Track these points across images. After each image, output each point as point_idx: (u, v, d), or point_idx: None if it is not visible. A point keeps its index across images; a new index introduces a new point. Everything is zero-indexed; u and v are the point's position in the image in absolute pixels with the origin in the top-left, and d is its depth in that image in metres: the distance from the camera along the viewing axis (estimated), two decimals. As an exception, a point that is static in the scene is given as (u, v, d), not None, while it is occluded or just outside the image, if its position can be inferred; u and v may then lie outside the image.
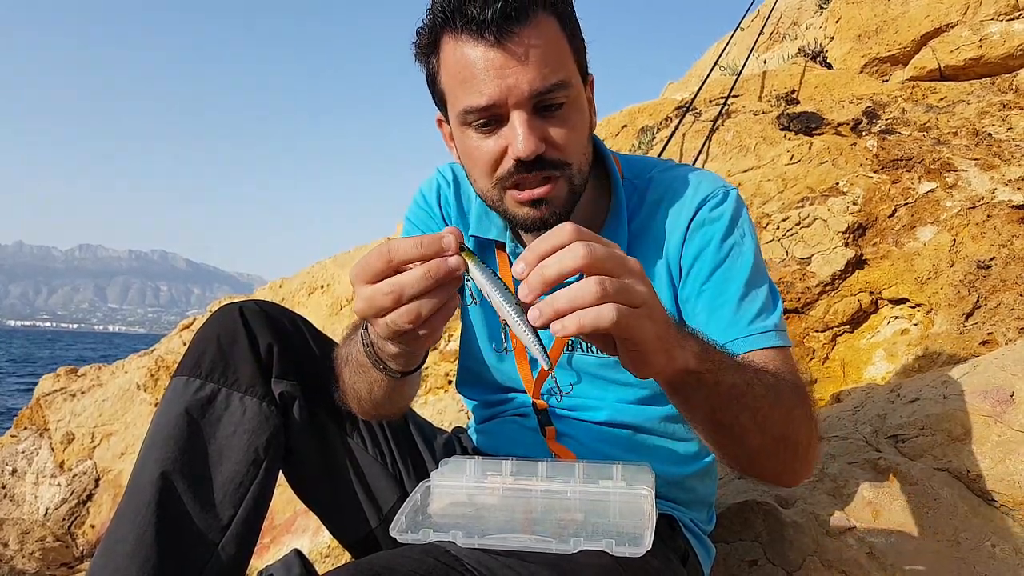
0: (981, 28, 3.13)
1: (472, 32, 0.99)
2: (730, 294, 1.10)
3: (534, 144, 1.02)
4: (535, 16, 1.00)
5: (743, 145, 2.99)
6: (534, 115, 1.03)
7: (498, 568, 0.85)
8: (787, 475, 1.02)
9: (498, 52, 0.99)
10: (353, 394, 1.09)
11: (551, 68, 1.01)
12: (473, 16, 0.98)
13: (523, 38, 0.99)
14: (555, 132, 1.05)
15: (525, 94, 1.00)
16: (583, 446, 1.24)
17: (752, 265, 1.13)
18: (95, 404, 4.38)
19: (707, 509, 1.34)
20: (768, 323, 1.08)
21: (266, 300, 1.26)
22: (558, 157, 1.06)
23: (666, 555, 1.12)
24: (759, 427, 0.92)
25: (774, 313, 1.10)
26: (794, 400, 0.96)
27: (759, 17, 5.30)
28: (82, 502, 3.83)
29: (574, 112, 1.07)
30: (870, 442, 1.59)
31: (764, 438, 0.93)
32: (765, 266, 1.17)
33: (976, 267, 2.16)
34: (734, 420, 0.90)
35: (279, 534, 2.77)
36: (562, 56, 1.04)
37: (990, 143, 2.60)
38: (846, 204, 2.47)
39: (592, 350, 1.22)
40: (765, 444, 0.94)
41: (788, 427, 0.95)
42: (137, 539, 1.03)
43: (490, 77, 1.00)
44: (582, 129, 1.09)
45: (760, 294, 1.11)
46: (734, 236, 1.14)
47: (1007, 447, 1.39)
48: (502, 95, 1.00)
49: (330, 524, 1.31)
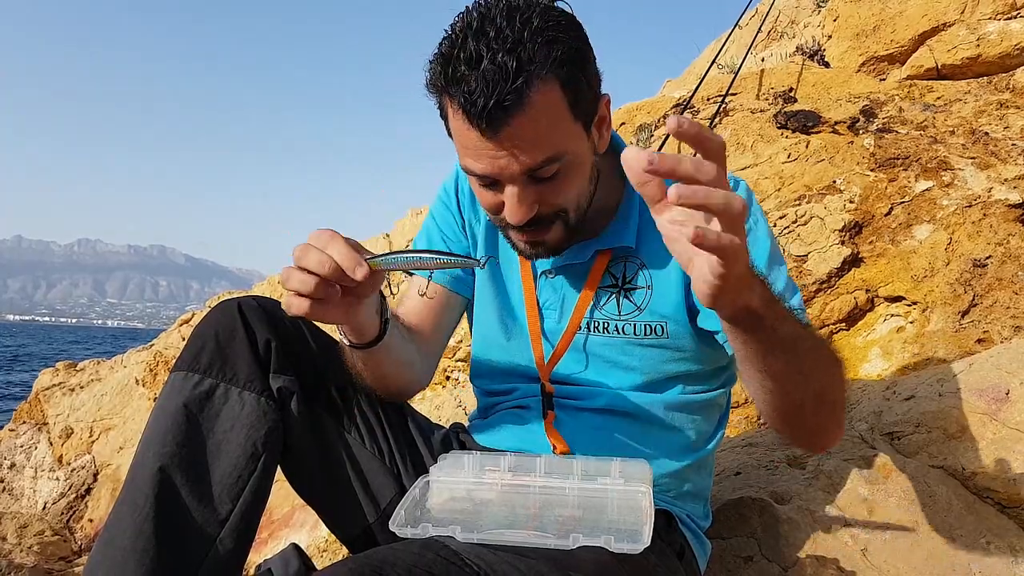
0: (979, 27, 3.14)
1: (467, 115, 1.00)
2: None
3: (524, 213, 1.08)
4: (532, 94, 0.99)
5: (740, 143, 3.00)
6: (528, 184, 1.06)
7: (497, 563, 0.85)
8: (822, 435, 1.05)
9: (490, 141, 1.01)
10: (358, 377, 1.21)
11: (543, 147, 1.03)
12: (468, 100, 0.98)
13: (515, 127, 1.00)
14: (550, 194, 1.09)
15: (516, 173, 1.04)
16: (581, 434, 1.25)
17: (770, 249, 1.16)
18: (94, 399, 4.38)
19: (703, 504, 1.35)
20: (792, 303, 1.09)
21: (264, 296, 1.27)
22: (552, 211, 1.11)
23: (663, 551, 1.13)
24: (805, 379, 0.94)
25: (796, 294, 1.14)
26: (833, 361, 0.99)
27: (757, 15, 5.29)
28: (80, 496, 3.83)
29: (570, 172, 1.09)
30: (866, 439, 1.59)
31: (807, 392, 0.96)
32: (780, 249, 1.20)
33: (972, 265, 2.17)
34: (783, 369, 0.92)
35: (277, 529, 2.78)
36: (559, 128, 1.04)
37: (987, 142, 2.61)
38: (843, 202, 2.48)
39: (599, 330, 1.25)
40: (807, 399, 0.96)
41: (830, 385, 0.98)
42: (135, 533, 1.03)
43: (482, 157, 1.04)
44: (580, 180, 1.12)
45: (781, 275, 1.15)
46: (749, 222, 1.15)
47: (1002, 445, 1.40)
48: (495, 172, 1.05)
49: (327, 519, 1.32)
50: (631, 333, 1.23)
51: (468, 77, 0.97)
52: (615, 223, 1.25)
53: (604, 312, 1.25)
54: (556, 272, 1.28)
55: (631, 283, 1.24)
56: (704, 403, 1.29)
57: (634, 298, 1.23)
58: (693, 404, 1.27)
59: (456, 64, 0.98)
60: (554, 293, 1.29)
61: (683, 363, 1.25)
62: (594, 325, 1.25)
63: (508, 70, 0.96)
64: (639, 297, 1.23)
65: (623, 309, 1.23)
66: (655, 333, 1.22)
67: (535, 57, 0.98)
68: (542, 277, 1.30)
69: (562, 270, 1.28)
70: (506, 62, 0.96)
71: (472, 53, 0.97)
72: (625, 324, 1.23)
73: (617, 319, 1.24)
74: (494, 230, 1.33)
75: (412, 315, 1.34)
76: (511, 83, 0.96)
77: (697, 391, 1.28)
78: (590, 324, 1.26)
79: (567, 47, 1.02)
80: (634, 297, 1.23)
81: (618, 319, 1.24)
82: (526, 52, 0.97)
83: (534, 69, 0.98)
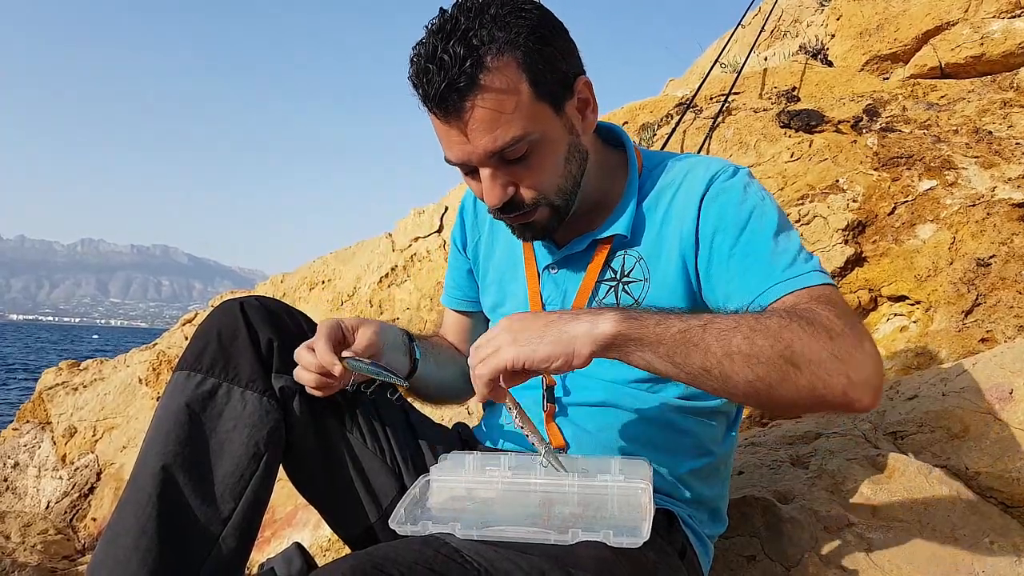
0: (982, 26, 3.13)
1: (427, 102, 1.07)
2: (761, 247, 1.10)
3: (499, 195, 1.12)
4: (484, 77, 1.03)
5: (743, 142, 2.99)
6: (500, 166, 1.10)
7: (497, 559, 0.85)
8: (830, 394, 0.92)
9: (450, 126, 1.08)
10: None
11: (503, 128, 1.06)
12: (426, 91, 1.05)
13: (469, 110, 1.05)
14: (522, 175, 1.12)
15: (482, 156, 1.08)
16: (581, 430, 1.24)
17: (777, 220, 1.13)
18: (97, 398, 4.39)
19: (710, 511, 1.32)
20: (805, 267, 1.07)
21: (267, 296, 1.27)
22: (530, 197, 1.14)
23: (663, 549, 1.12)
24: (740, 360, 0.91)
25: (813, 258, 1.10)
26: (803, 321, 0.93)
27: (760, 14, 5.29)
28: (84, 495, 3.84)
29: (540, 152, 1.11)
30: (869, 439, 1.59)
31: (753, 368, 0.91)
32: (789, 221, 1.17)
33: (976, 265, 2.16)
34: (702, 364, 0.92)
35: (280, 528, 2.78)
36: (518, 108, 1.06)
37: (990, 141, 2.60)
38: (846, 201, 2.47)
39: None
40: (760, 374, 0.91)
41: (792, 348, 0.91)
42: (138, 532, 1.03)
43: (451, 144, 1.10)
44: (554, 160, 1.13)
45: (792, 243, 1.11)
46: (752, 199, 1.15)
47: (1006, 444, 1.40)
48: (465, 157, 1.10)
49: (329, 518, 1.32)
50: None
51: (427, 69, 1.04)
52: (612, 216, 1.25)
53: (603, 306, 1.24)
54: (558, 267, 1.29)
55: (629, 276, 1.23)
56: (707, 409, 1.26)
57: (632, 291, 1.22)
58: (695, 408, 1.25)
59: (418, 62, 1.05)
60: (556, 288, 1.29)
61: None
62: None
63: (459, 55, 1.02)
64: (636, 290, 1.22)
65: (622, 302, 1.23)
66: None
67: (486, 40, 1.03)
68: (545, 272, 1.31)
69: (564, 264, 1.29)
70: (457, 50, 1.02)
71: (430, 48, 1.04)
72: None
73: None
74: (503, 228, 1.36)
75: (451, 335, 1.56)
76: (461, 66, 1.02)
77: (699, 393, 1.26)
78: None
79: (525, 27, 1.06)
80: (632, 290, 1.23)
81: None
82: (478, 37, 1.03)
83: (484, 51, 1.03)
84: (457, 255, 1.51)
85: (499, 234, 1.42)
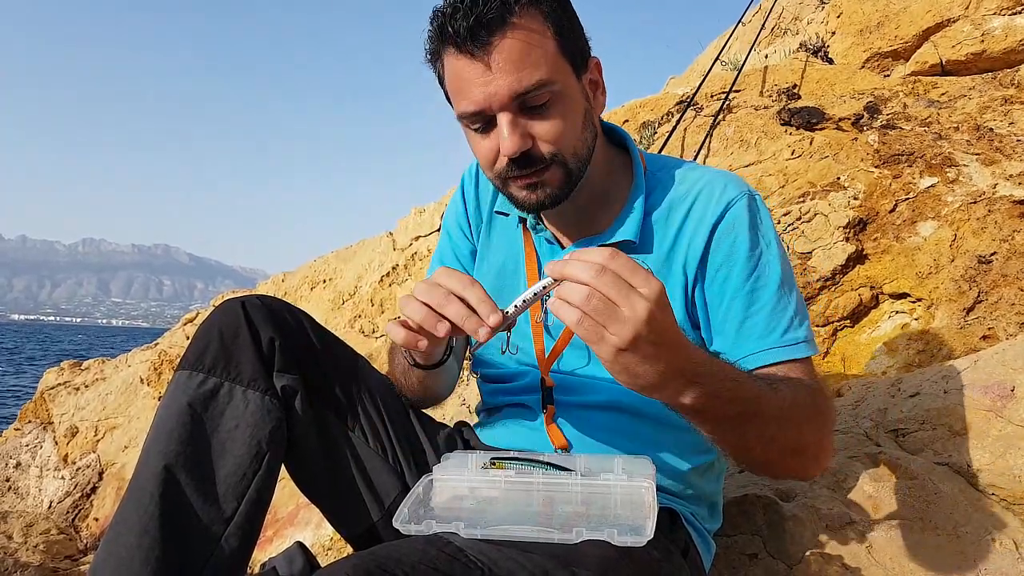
0: (983, 23, 3.13)
1: (456, 45, 1.07)
2: (763, 303, 1.14)
3: (517, 143, 1.09)
4: (514, 18, 1.05)
5: (744, 140, 2.99)
6: (519, 114, 1.09)
7: (501, 558, 0.85)
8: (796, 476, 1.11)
9: (477, 63, 1.06)
10: (407, 390, 1.31)
11: (529, 70, 1.06)
12: (455, 31, 1.06)
13: (499, 46, 1.05)
14: (541, 128, 1.10)
15: (505, 99, 1.07)
16: (582, 431, 1.24)
17: (781, 273, 1.16)
18: (99, 398, 4.40)
19: (709, 507, 1.33)
20: (799, 334, 1.13)
21: (268, 295, 1.27)
22: (547, 151, 1.12)
23: (666, 547, 1.12)
24: (766, 443, 0.97)
25: (805, 321, 1.15)
26: (809, 413, 1.01)
27: (760, 12, 5.29)
28: (86, 495, 3.85)
29: (561, 105, 1.11)
30: (870, 436, 1.59)
31: (770, 452, 0.99)
32: (792, 271, 1.20)
33: (977, 262, 2.16)
34: (739, 437, 0.96)
35: (282, 527, 2.78)
36: (544, 54, 1.08)
37: (991, 138, 2.60)
38: (847, 199, 2.47)
39: None
40: (771, 457, 1.00)
41: (798, 441, 1.00)
42: (141, 532, 1.03)
43: (474, 86, 1.08)
44: (572, 120, 1.13)
45: (791, 302, 1.15)
46: (762, 243, 1.17)
47: (1008, 442, 1.40)
48: (486, 102, 1.08)
49: (332, 517, 1.32)
50: None
51: (456, 7, 1.06)
52: (619, 218, 1.24)
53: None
54: None
55: None
56: None
57: None
58: None
59: (445, 10, 1.08)
60: None
61: None
62: None
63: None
64: None
65: None
66: None
67: None
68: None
69: None
70: None
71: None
72: None
73: None
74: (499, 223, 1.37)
75: None
76: (492, 3, 1.04)
77: None
78: None
79: None
80: None
81: None
82: None
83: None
84: (460, 237, 1.44)
85: (495, 235, 1.39)
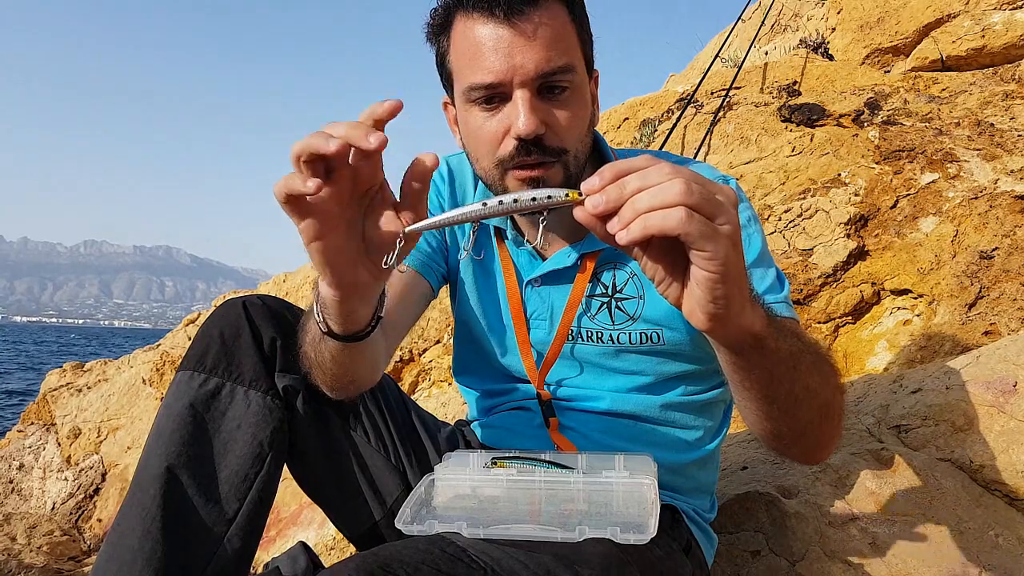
0: (983, 18, 3.12)
1: (483, 10, 1.02)
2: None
3: (535, 124, 1.03)
4: (546, 2, 1.03)
5: (745, 137, 2.99)
6: (537, 96, 1.04)
7: (503, 558, 0.85)
8: (824, 448, 0.98)
9: (507, 29, 1.01)
10: (317, 369, 1.04)
11: (558, 51, 1.03)
12: None
13: (533, 18, 1.01)
14: (556, 116, 1.06)
15: (531, 74, 1.02)
16: (585, 437, 1.24)
17: (759, 250, 1.14)
18: (101, 399, 4.40)
19: (708, 497, 1.35)
20: (779, 296, 1.09)
21: (270, 295, 1.27)
22: (556, 144, 1.06)
23: (669, 545, 1.13)
24: (809, 397, 0.88)
25: (783, 289, 1.12)
26: (833, 370, 0.94)
27: (760, 8, 5.28)
28: (89, 496, 3.85)
29: (576, 99, 1.08)
30: (873, 433, 1.59)
31: (813, 410, 0.90)
32: (770, 253, 1.18)
33: (978, 257, 2.16)
34: (788, 391, 0.86)
35: (285, 527, 2.78)
36: (570, 42, 1.06)
37: (992, 133, 2.60)
38: (848, 195, 2.47)
39: (593, 339, 1.23)
40: (813, 417, 0.91)
41: (832, 398, 0.92)
42: (143, 533, 1.03)
43: (498, 55, 1.02)
44: (583, 118, 1.10)
45: (768, 274, 1.13)
46: (746, 220, 1.15)
47: (1010, 437, 1.40)
48: (508, 73, 1.02)
49: (334, 517, 1.32)
50: (626, 342, 1.21)
51: None
52: None
53: (597, 322, 1.22)
54: (542, 281, 1.25)
55: (622, 292, 1.21)
56: (707, 401, 1.28)
57: (626, 308, 1.21)
58: (696, 403, 1.27)
59: None
60: (542, 303, 1.26)
61: (682, 365, 1.24)
62: (587, 334, 1.23)
63: None
64: (631, 307, 1.21)
65: (616, 319, 1.21)
66: (651, 340, 1.20)
67: None
68: (528, 287, 1.26)
69: (548, 279, 1.25)
70: None
71: None
72: (619, 333, 1.21)
73: (611, 328, 1.21)
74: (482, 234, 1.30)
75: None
76: None
77: (699, 390, 1.27)
78: (581, 333, 1.23)
79: None
80: (626, 307, 1.21)
81: (612, 328, 1.21)
82: None
83: None
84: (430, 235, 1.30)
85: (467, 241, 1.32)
